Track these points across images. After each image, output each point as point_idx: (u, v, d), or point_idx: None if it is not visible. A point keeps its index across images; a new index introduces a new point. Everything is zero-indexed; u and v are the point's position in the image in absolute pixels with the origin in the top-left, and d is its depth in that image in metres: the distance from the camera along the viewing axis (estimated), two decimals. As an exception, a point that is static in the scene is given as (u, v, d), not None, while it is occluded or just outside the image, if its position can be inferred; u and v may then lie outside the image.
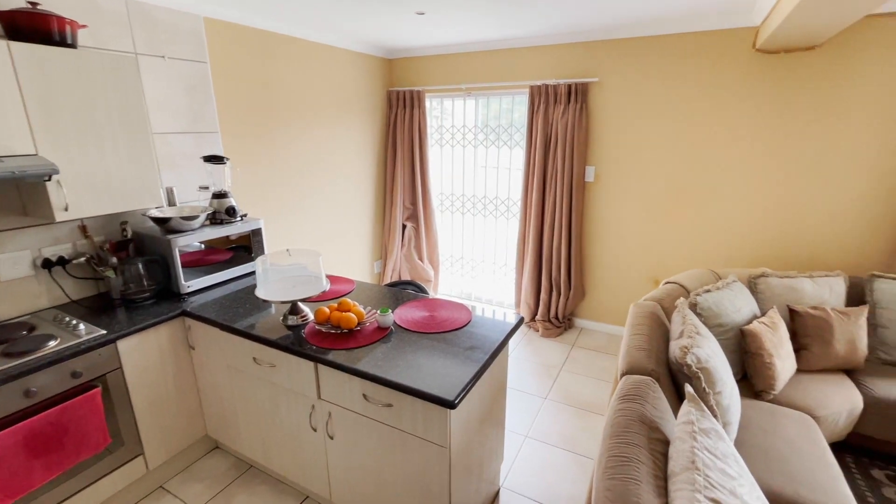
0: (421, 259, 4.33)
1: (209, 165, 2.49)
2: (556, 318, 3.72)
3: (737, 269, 2.77)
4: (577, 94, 3.31)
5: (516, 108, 3.81)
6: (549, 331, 3.63)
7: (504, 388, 1.95)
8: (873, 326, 2.42)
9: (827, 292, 2.45)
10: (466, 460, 1.64)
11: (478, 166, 4.14)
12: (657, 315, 2.09)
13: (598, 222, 3.55)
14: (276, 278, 2.00)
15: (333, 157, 3.68)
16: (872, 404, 2.13)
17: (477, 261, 4.37)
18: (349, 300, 1.89)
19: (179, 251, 2.16)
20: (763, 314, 2.36)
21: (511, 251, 4.17)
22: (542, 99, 3.42)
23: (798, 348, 2.32)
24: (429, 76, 3.97)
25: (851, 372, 2.32)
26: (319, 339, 1.75)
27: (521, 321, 1.93)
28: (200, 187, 2.63)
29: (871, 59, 2.56)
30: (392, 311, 1.99)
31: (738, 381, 2.23)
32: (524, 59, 3.53)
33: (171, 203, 2.38)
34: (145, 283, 2.13)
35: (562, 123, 3.37)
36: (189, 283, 2.22)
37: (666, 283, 2.58)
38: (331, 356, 1.63)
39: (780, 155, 2.88)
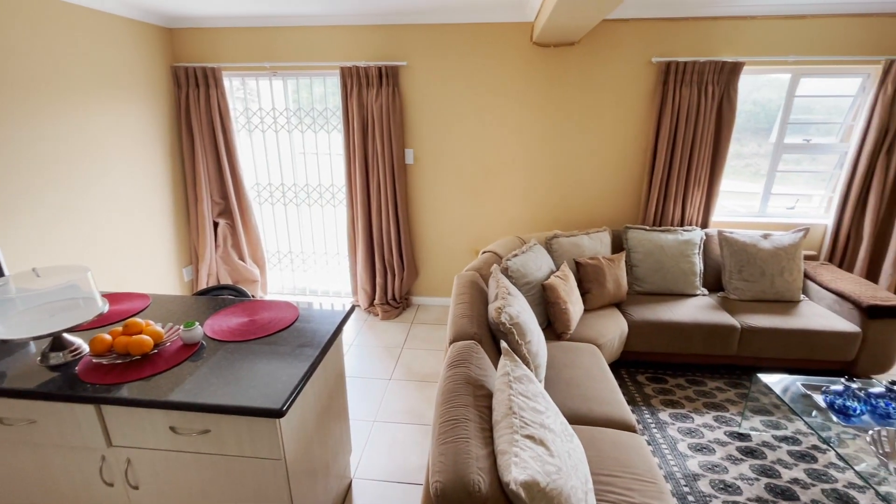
0: (242, 259, 3.89)
1: None
2: (394, 299, 3.80)
3: (536, 233, 3.24)
4: (389, 78, 3.34)
5: (330, 90, 3.65)
6: (388, 313, 3.69)
7: (342, 379, 1.91)
8: (630, 266, 3.13)
9: (599, 244, 3.06)
10: (308, 465, 1.55)
11: (296, 153, 3.87)
12: (477, 283, 2.30)
13: (422, 202, 3.71)
14: (24, 308, 1.53)
15: (107, 148, 2.98)
16: (634, 326, 2.77)
17: (308, 253, 4.14)
18: (139, 320, 1.56)
19: None
20: (558, 269, 2.81)
21: (342, 239, 4.07)
22: (355, 81, 3.35)
23: (583, 293, 2.85)
24: (226, 52, 3.50)
25: (619, 304, 2.96)
26: (101, 374, 1.41)
27: (352, 309, 1.89)
28: None
29: (609, 55, 3.22)
30: (202, 324, 1.73)
31: (545, 329, 2.63)
32: (334, 39, 3.39)
33: None
34: None
35: (377, 107, 3.37)
36: None
37: (483, 252, 2.86)
38: (120, 392, 1.33)
39: (557, 136, 3.43)
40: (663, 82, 3.14)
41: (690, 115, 3.15)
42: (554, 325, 2.56)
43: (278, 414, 1.27)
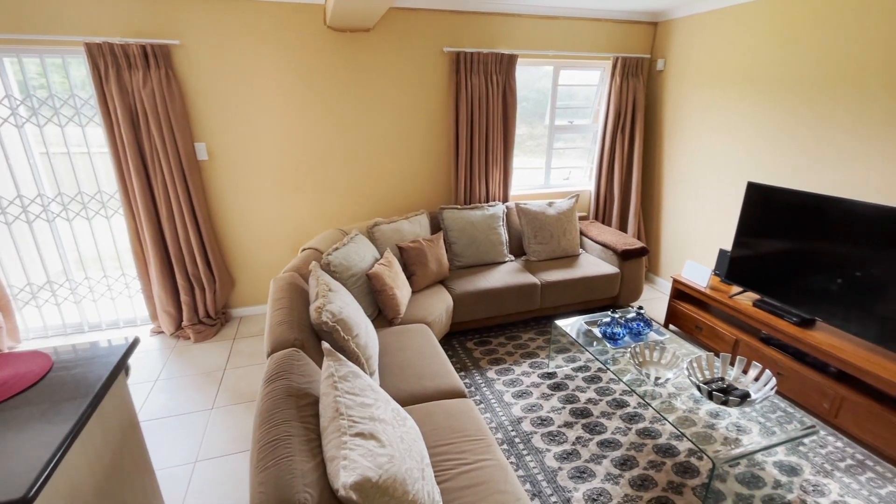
0: (-34, 302, 2.86)
1: None
2: (209, 316, 3.32)
3: (358, 223, 3.20)
4: (159, 59, 2.80)
5: (75, 71, 2.89)
6: (202, 334, 3.21)
7: (135, 428, 1.57)
8: (448, 244, 3.35)
9: (418, 227, 3.19)
10: (95, 546, 1.24)
11: (36, 153, 2.98)
12: (296, 284, 2.15)
13: (228, 202, 3.28)
14: None
15: None
16: (458, 299, 2.99)
17: (79, 280, 3.28)
18: None
19: None
20: (382, 256, 2.83)
21: (126, 256, 3.34)
22: (112, 62, 2.72)
23: (409, 275, 2.95)
24: None
25: (444, 281, 3.15)
26: None
27: (136, 341, 1.55)
28: None
29: (405, 43, 3.31)
30: None
31: (376, 317, 2.64)
32: (73, 7, 2.66)
33: None
34: None
35: (147, 93, 2.80)
36: None
37: (302, 249, 2.69)
38: None
39: (368, 124, 3.41)
40: (456, 71, 3.39)
41: (482, 102, 3.49)
42: (384, 312, 2.58)
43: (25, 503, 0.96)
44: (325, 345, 1.48)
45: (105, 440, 1.36)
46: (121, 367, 1.43)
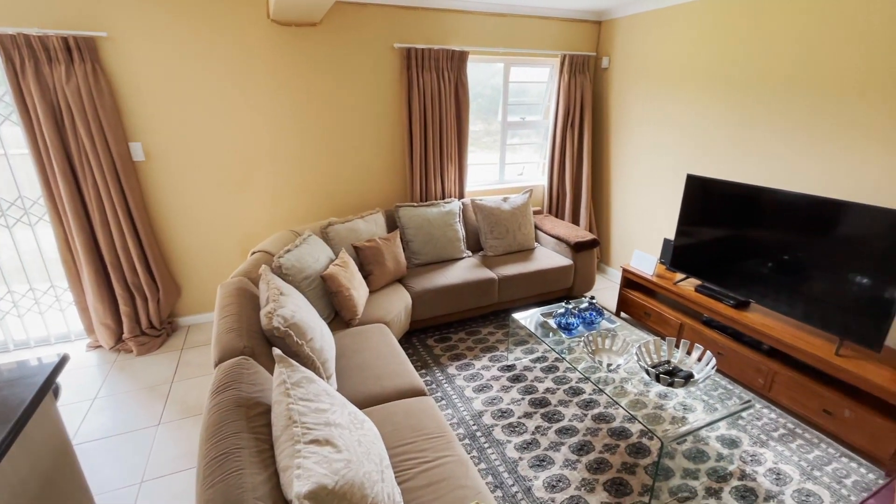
0: None
1: None
2: (153, 327, 3.13)
3: (311, 223, 3.11)
4: (83, 52, 2.59)
5: (-17, 66, 2.62)
6: (146, 346, 3.02)
7: (66, 452, 1.46)
8: (405, 242, 3.33)
9: (374, 226, 3.14)
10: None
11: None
12: (245, 289, 2.06)
13: (170, 205, 3.10)
14: None
15: None
16: (416, 297, 2.98)
17: (0, 294, 2.99)
18: None
19: None
20: (337, 257, 2.77)
21: (55, 267, 3.08)
22: (29, 55, 2.49)
23: (366, 275, 2.91)
24: None
25: (402, 280, 3.13)
26: None
27: (63, 359, 1.43)
28: None
29: (354, 38, 3.25)
30: None
31: (333, 319, 2.58)
32: (-32, -7, 2.41)
33: None
34: None
35: (71, 90, 2.59)
36: None
37: (252, 253, 2.58)
38: None
39: (319, 121, 3.32)
40: (407, 67, 3.36)
41: (435, 99, 3.48)
42: (341, 314, 2.53)
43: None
44: (277, 351, 1.43)
45: (32, 468, 1.25)
46: (47, 388, 1.32)
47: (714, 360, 2.09)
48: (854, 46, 2.35)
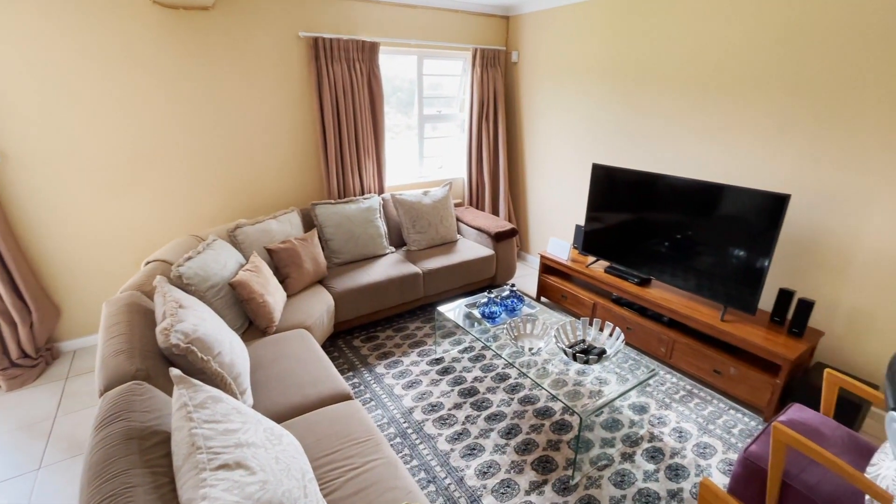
0: None
1: None
2: (26, 356, 2.69)
3: (217, 226, 2.86)
4: None
5: None
6: (18, 378, 2.59)
7: None
8: (324, 241, 3.19)
9: (289, 227, 2.97)
10: None
11: None
12: (138, 304, 1.83)
13: (42, 213, 2.67)
14: None
15: None
16: (339, 298, 2.87)
17: None
18: None
19: None
20: (247, 261, 2.57)
21: None
22: None
23: (283, 279, 2.74)
24: None
25: (322, 281, 3.00)
26: None
27: None
28: None
29: (253, 25, 3.01)
30: None
31: (247, 329, 2.40)
32: None
33: None
34: None
35: None
36: None
37: (146, 263, 2.31)
38: None
39: (216, 112, 3.04)
40: (315, 58, 3.20)
41: (347, 91, 3.35)
42: (256, 322, 2.36)
43: None
44: (174, 371, 1.28)
45: None
46: None
47: (622, 336, 2.25)
48: (726, 49, 2.64)
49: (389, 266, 3.18)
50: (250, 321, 2.43)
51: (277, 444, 1.31)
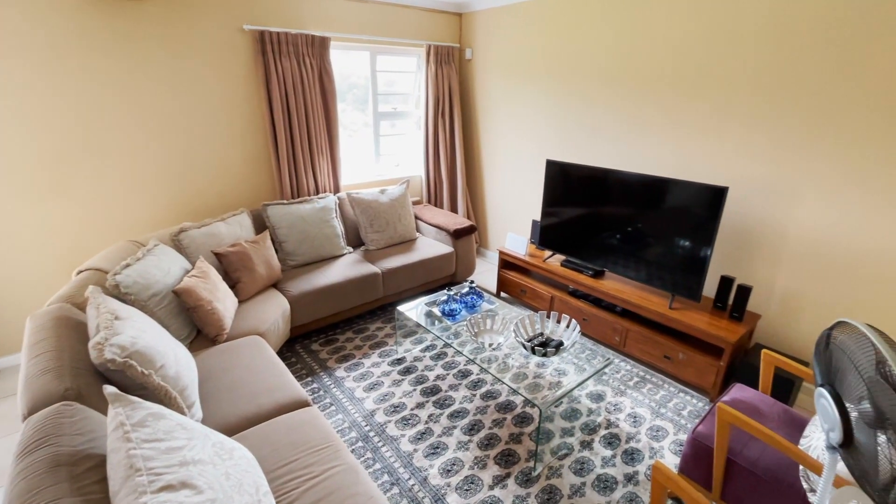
0: None
1: None
2: (-61, 379, 2.42)
3: (159, 230, 2.68)
4: None
5: None
6: (-70, 405, 2.33)
7: None
8: (278, 243, 3.07)
9: (238, 229, 2.84)
10: None
11: None
12: (67, 317, 1.69)
13: (-53, 222, 2.40)
14: None
15: None
16: (295, 301, 2.77)
17: None
18: None
19: None
20: (193, 267, 2.44)
21: None
22: None
23: (233, 284, 2.62)
24: None
25: (277, 284, 2.89)
26: None
27: None
28: None
29: (192, 16, 2.84)
30: None
31: (195, 338, 2.27)
32: None
33: None
34: None
35: None
36: None
37: (78, 272, 2.14)
38: None
39: (154, 108, 2.85)
40: (262, 52, 3.06)
41: (297, 87, 3.24)
42: (205, 331, 2.24)
43: None
44: (108, 388, 1.19)
45: None
46: None
47: (578, 327, 2.31)
48: (674, 47, 2.76)
49: (347, 266, 3.11)
50: (199, 330, 2.30)
51: (228, 459, 1.25)
